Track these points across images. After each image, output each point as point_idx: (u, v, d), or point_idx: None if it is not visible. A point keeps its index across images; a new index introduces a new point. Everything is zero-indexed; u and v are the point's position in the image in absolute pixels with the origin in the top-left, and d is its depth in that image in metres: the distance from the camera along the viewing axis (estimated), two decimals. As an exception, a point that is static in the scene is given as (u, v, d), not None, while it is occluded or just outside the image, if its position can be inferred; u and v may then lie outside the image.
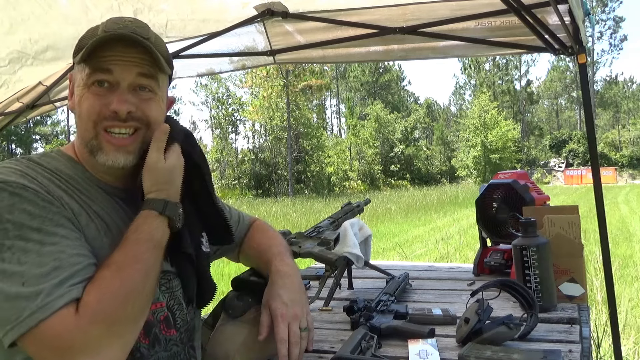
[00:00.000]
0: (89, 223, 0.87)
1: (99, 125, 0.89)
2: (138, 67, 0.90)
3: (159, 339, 0.94)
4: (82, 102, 0.90)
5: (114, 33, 0.88)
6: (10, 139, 31.92)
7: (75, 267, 0.77)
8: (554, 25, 2.02)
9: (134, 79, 0.90)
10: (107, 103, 0.88)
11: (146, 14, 2.12)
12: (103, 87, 0.89)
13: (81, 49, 0.90)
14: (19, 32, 2.08)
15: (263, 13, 2.39)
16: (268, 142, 31.34)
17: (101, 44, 0.87)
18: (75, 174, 0.92)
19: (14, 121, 3.02)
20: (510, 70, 45.98)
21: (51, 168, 0.89)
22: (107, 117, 0.89)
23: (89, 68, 0.89)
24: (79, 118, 0.91)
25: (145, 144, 0.93)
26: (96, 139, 0.90)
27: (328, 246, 1.62)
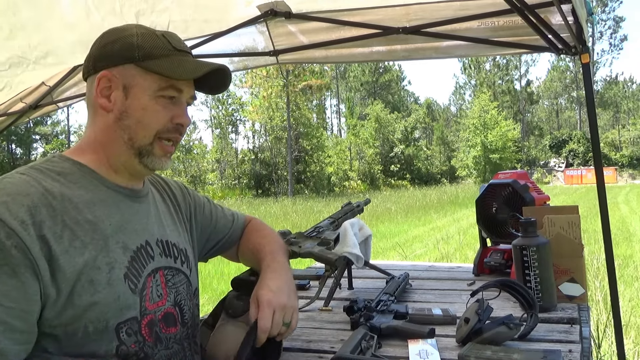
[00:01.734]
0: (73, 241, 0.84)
1: (159, 135, 0.96)
2: (192, 89, 1.01)
3: (160, 337, 0.95)
4: (149, 111, 0.94)
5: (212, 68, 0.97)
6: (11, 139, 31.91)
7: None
8: (557, 25, 2.02)
9: (189, 98, 1.01)
10: (173, 116, 0.97)
11: (148, 16, 2.12)
12: (168, 99, 0.96)
13: (149, 56, 0.93)
14: (19, 38, 2.07)
15: (266, 13, 2.40)
16: (268, 142, 31.33)
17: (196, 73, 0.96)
18: (80, 177, 0.92)
19: (17, 121, 3.03)
20: (510, 70, 45.99)
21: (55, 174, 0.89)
22: (170, 129, 0.96)
23: (163, 81, 0.94)
24: (137, 124, 0.94)
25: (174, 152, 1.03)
26: (151, 146, 0.96)
27: (328, 246, 1.62)
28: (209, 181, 31.45)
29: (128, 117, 0.94)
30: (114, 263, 0.89)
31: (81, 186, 0.91)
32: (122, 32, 0.96)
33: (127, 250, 0.92)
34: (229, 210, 1.32)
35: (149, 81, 0.94)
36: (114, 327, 0.87)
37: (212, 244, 1.24)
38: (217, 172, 31.83)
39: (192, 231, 1.17)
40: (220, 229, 1.25)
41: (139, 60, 0.93)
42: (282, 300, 1.03)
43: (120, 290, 0.88)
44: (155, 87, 0.94)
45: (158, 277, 0.97)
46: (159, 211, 1.07)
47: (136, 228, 0.96)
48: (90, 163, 0.95)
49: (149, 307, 0.94)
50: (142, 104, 0.94)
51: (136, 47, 0.93)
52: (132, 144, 0.94)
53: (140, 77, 0.94)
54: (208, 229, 1.22)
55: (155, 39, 0.95)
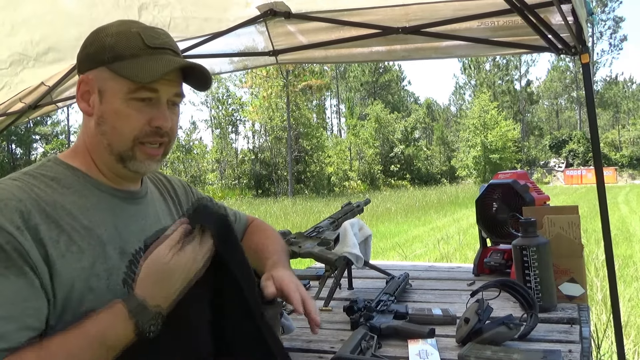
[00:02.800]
0: (70, 246, 0.83)
1: (137, 139, 0.91)
2: (175, 87, 0.94)
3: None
4: (122, 115, 0.90)
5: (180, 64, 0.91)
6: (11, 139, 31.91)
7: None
8: (557, 25, 2.02)
9: (172, 97, 0.95)
10: (150, 119, 0.91)
11: (151, 10, 2.11)
12: (143, 102, 0.91)
13: (118, 57, 0.89)
14: (20, 34, 2.08)
15: (265, 13, 2.40)
16: (268, 142, 31.33)
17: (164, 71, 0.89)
18: (74, 181, 0.91)
19: (17, 121, 3.03)
20: (510, 70, 45.97)
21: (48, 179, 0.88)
22: (148, 133, 0.92)
23: (133, 84, 0.89)
24: (112, 129, 0.90)
25: (165, 154, 0.98)
26: (132, 150, 0.92)
27: (328, 246, 1.62)
28: (209, 181, 31.44)
29: (104, 122, 0.91)
30: (112, 269, 0.87)
31: (75, 191, 0.89)
32: (100, 32, 0.92)
33: (124, 255, 0.91)
34: (231, 209, 1.31)
35: (119, 84, 0.89)
36: None
37: None
38: (217, 172, 31.82)
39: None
40: None
41: (108, 62, 0.89)
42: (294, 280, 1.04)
43: (120, 295, 0.86)
44: (126, 89, 0.89)
45: None
46: (157, 212, 1.05)
47: (133, 231, 0.95)
48: (83, 167, 0.94)
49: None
50: (114, 109, 0.90)
51: (107, 49, 0.90)
52: (111, 149, 0.92)
53: (111, 81, 0.90)
54: None
55: (127, 39, 0.90)
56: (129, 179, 0.98)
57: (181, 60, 0.93)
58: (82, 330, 0.77)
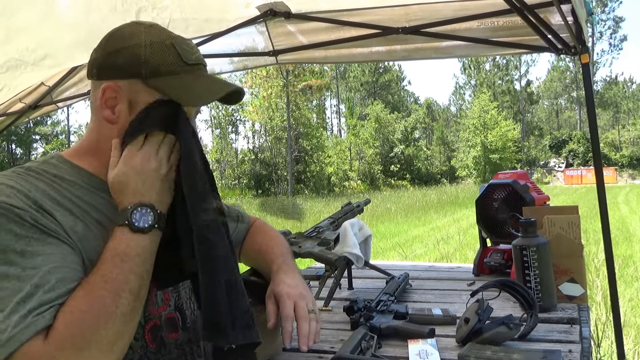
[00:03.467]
0: (87, 233, 0.84)
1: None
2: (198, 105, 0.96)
3: (164, 342, 0.93)
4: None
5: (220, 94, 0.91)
6: (11, 139, 31.91)
7: (49, 294, 0.73)
8: (557, 25, 2.02)
9: (194, 113, 0.96)
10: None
11: (150, 12, 2.11)
12: None
13: (155, 73, 0.88)
14: (16, 41, 2.06)
15: (265, 13, 2.40)
16: (268, 142, 31.33)
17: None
18: (78, 180, 0.89)
19: (16, 122, 3.03)
20: (510, 70, 45.98)
21: (50, 176, 0.87)
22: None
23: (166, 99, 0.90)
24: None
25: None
26: None
27: (328, 246, 1.62)
28: (209, 181, 31.39)
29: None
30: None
31: (79, 188, 0.88)
32: (129, 39, 0.89)
33: None
34: (236, 209, 1.30)
35: (154, 98, 0.89)
36: None
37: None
38: (217, 172, 31.79)
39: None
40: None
41: (145, 77, 0.88)
42: (299, 291, 1.04)
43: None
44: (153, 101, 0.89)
45: None
46: None
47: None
48: (89, 167, 0.92)
49: (153, 312, 0.92)
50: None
51: (143, 63, 0.88)
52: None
53: (145, 93, 0.89)
54: None
55: (164, 52, 0.89)
56: None
57: (227, 86, 0.92)
58: (102, 258, 0.80)
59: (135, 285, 0.80)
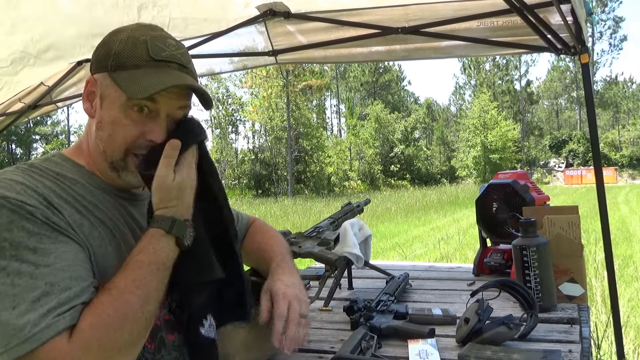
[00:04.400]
0: (92, 231, 0.84)
1: (129, 149, 0.89)
2: (178, 100, 0.90)
3: (164, 343, 0.93)
4: (117, 124, 0.88)
5: (177, 84, 0.87)
6: (10, 139, 31.92)
7: (65, 292, 0.74)
8: (557, 25, 2.02)
9: (174, 111, 0.91)
10: (145, 132, 0.88)
11: (150, 10, 2.11)
12: (141, 113, 0.88)
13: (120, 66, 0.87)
14: (20, 32, 2.08)
15: (265, 13, 2.40)
16: (268, 142, 31.33)
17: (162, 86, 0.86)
18: (80, 178, 0.89)
19: (16, 121, 3.03)
20: (510, 70, 45.98)
21: (53, 174, 0.86)
22: (141, 145, 0.89)
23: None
24: (108, 137, 0.89)
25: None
26: (124, 160, 0.90)
27: (328, 246, 1.62)
28: (209, 181, 31.40)
29: (102, 128, 0.89)
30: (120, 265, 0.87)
31: (81, 187, 0.88)
32: (113, 35, 0.91)
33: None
34: (234, 209, 1.29)
35: (118, 93, 0.87)
36: None
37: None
38: (217, 172, 31.77)
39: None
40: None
41: (111, 70, 0.88)
42: (295, 292, 1.04)
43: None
44: (123, 99, 0.87)
45: None
46: None
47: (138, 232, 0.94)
48: (87, 165, 0.93)
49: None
50: (111, 117, 0.88)
51: (112, 56, 0.88)
52: (105, 156, 0.90)
53: (111, 88, 0.88)
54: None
55: (133, 47, 0.87)
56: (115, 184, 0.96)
57: (176, 80, 0.88)
58: (137, 262, 0.81)
59: (162, 294, 0.83)
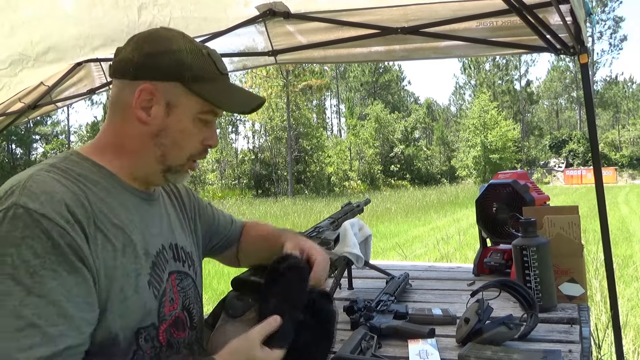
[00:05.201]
0: (106, 244, 0.83)
1: (192, 157, 0.96)
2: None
3: (171, 342, 0.94)
4: (186, 133, 0.92)
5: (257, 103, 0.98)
6: (11, 139, 31.90)
7: (50, 329, 0.71)
8: (556, 25, 2.02)
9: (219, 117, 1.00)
10: (205, 138, 0.95)
11: (150, 10, 2.12)
12: (203, 122, 0.94)
13: (197, 78, 0.91)
14: (20, 35, 2.07)
15: (265, 13, 2.40)
16: (268, 142, 31.33)
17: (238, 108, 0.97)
18: (100, 178, 0.89)
19: (16, 121, 3.03)
20: (510, 70, 45.98)
21: (75, 175, 0.85)
22: (200, 151, 0.96)
23: (205, 106, 0.92)
24: (173, 145, 0.92)
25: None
26: (183, 166, 0.96)
27: (328, 246, 1.62)
28: (209, 181, 31.43)
29: (166, 135, 0.91)
30: (140, 269, 0.88)
31: (102, 189, 0.88)
32: (169, 43, 0.91)
33: (149, 255, 0.91)
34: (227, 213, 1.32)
35: (193, 102, 0.91)
36: (134, 332, 0.86)
37: (214, 242, 1.24)
38: (217, 172, 31.81)
39: (197, 232, 1.16)
40: (221, 228, 1.25)
41: (188, 81, 0.90)
42: (324, 254, 1.10)
43: (147, 297, 0.88)
44: (198, 109, 0.92)
45: (171, 281, 0.97)
46: (169, 214, 1.06)
47: (154, 232, 0.95)
48: (109, 165, 0.92)
49: (167, 312, 0.93)
50: (182, 126, 0.92)
51: (187, 67, 0.90)
52: (163, 160, 0.93)
53: (185, 98, 0.91)
54: (212, 228, 1.22)
55: (203, 60, 0.93)
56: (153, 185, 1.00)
57: (258, 98, 1.00)
58: None
59: None
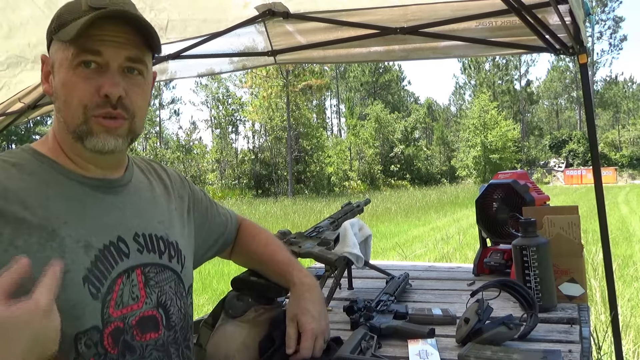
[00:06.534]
0: (15, 240, 0.76)
1: (89, 112, 0.83)
2: (126, 50, 0.84)
3: (131, 346, 0.85)
4: (69, 86, 0.83)
5: (107, 10, 0.81)
6: (11, 139, 31.90)
7: None
8: (555, 25, 2.02)
9: (124, 61, 0.84)
10: (98, 86, 0.82)
11: (147, 14, 2.11)
12: (90, 69, 0.82)
13: (62, 25, 0.83)
14: (18, 37, 2.06)
15: (264, 13, 2.40)
16: (268, 142, 31.33)
17: (91, 22, 0.79)
18: (38, 167, 0.85)
19: (16, 121, 3.03)
20: (510, 70, 46.01)
21: (8, 165, 0.82)
22: (99, 103, 0.83)
23: (74, 48, 0.81)
24: (64, 104, 0.83)
25: (132, 133, 0.88)
26: (86, 124, 0.83)
27: (328, 246, 1.62)
28: (209, 181, 31.44)
29: (58, 97, 0.84)
30: (70, 265, 0.78)
31: (36, 178, 0.82)
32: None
33: (90, 249, 0.82)
34: (223, 208, 1.24)
35: (64, 52, 0.82)
36: (72, 337, 0.77)
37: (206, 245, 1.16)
38: (217, 172, 31.81)
39: (190, 223, 1.09)
40: (214, 230, 1.17)
41: (55, 31, 0.84)
42: (323, 326, 1.05)
43: (78, 297, 0.78)
44: (70, 56, 0.82)
45: (134, 276, 0.87)
46: (145, 201, 0.97)
47: (105, 223, 0.86)
48: (51, 153, 0.87)
49: (114, 314, 0.83)
50: (62, 79, 0.83)
51: (55, 19, 0.85)
52: (67, 126, 0.84)
53: (59, 51, 0.84)
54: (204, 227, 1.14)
55: (72, 4, 0.84)
56: (100, 164, 0.90)
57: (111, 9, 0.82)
58: None
59: None
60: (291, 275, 1.12)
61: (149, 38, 0.86)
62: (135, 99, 0.87)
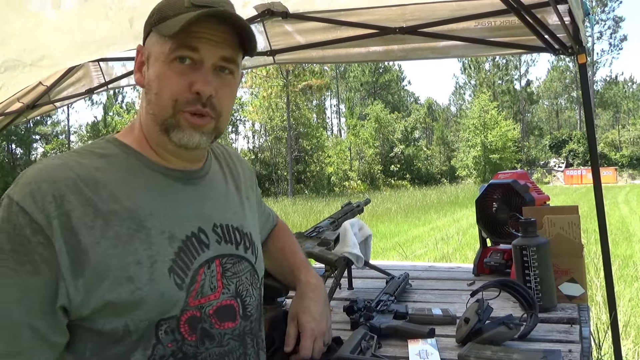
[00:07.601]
0: (106, 232, 0.78)
1: (178, 106, 0.84)
2: (222, 49, 0.85)
3: (210, 334, 0.87)
4: (162, 79, 0.84)
5: (213, 9, 0.82)
6: (11, 138, 31.88)
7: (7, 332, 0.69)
8: (554, 25, 2.02)
9: (218, 60, 0.85)
10: (191, 83, 0.83)
11: (142, 20, 2.10)
12: (184, 64, 0.83)
13: (162, 19, 0.84)
14: (12, 44, 2.04)
15: (263, 13, 2.40)
16: (268, 142, 31.35)
17: (195, 20, 0.80)
18: (125, 159, 0.86)
19: (15, 121, 3.03)
20: (510, 70, 46.00)
21: (97, 157, 0.83)
22: (189, 100, 0.84)
23: (173, 42, 0.82)
24: (155, 96, 0.85)
25: (216, 131, 0.89)
26: (174, 118, 0.84)
27: (328, 246, 1.62)
28: (209, 182, 31.43)
29: (150, 89, 0.86)
30: (157, 256, 0.80)
31: (123, 169, 0.84)
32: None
33: (174, 240, 0.84)
34: (268, 208, 1.26)
35: (162, 46, 0.84)
36: (154, 325, 0.80)
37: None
38: (217, 172, 31.77)
39: (256, 215, 1.09)
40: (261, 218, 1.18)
41: (155, 24, 0.86)
42: (323, 327, 1.04)
43: (165, 287, 0.80)
44: (167, 50, 0.83)
45: (214, 267, 0.88)
46: (221, 192, 0.98)
47: (187, 214, 0.88)
48: (135, 144, 0.88)
49: (191, 303, 0.84)
50: (156, 72, 0.84)
51: (155, 12, 0.86)
52: (155, 118, 0.85)
53: (156, 44, 0.85)
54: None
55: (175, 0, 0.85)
56: (182, 157, 0.91)
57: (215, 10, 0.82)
58: None
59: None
60: (299, 272, 1.13)
61: (245, 39, 0.87)
62: (223, 99, 0.87)
